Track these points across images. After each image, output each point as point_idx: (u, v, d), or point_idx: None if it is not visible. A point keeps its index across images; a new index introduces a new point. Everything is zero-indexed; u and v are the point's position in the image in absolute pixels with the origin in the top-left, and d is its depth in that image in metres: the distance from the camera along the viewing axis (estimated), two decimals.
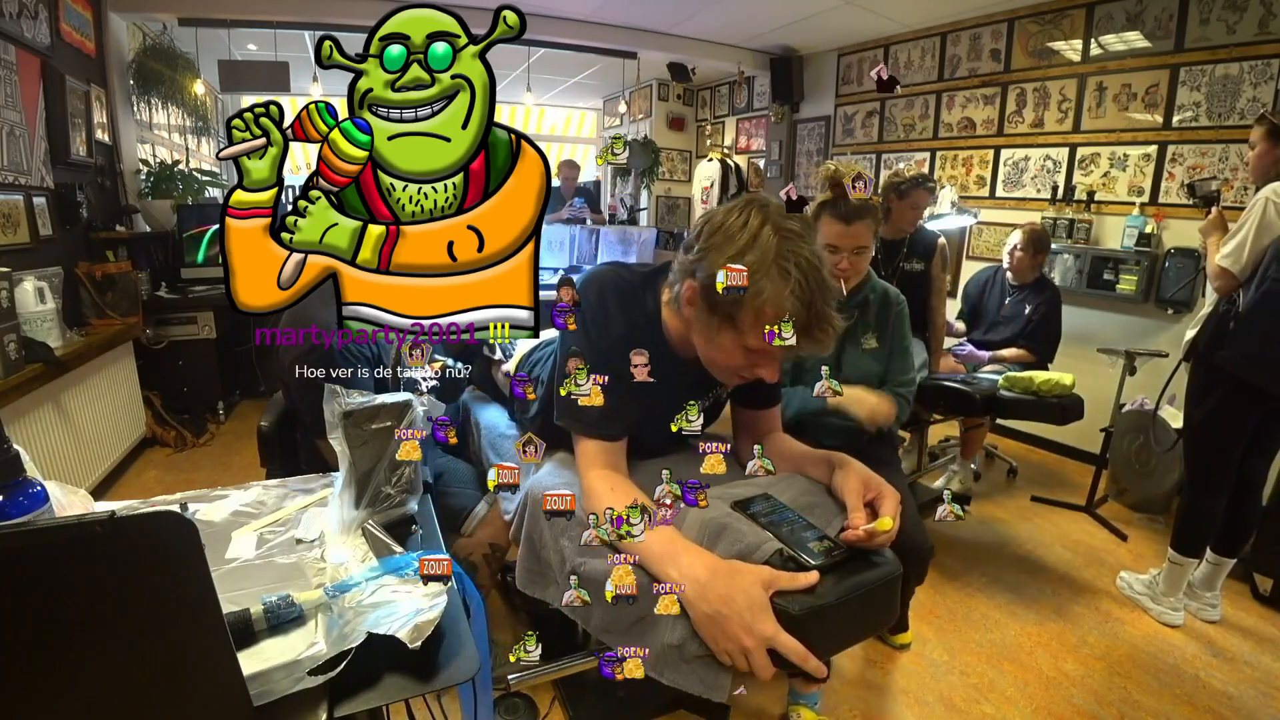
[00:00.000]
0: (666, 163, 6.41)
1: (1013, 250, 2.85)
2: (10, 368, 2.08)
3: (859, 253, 1.59)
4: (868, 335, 1.69)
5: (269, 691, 0.61)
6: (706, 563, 0.85)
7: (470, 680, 0.69)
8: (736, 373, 0.99)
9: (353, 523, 0.93)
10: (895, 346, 1.70)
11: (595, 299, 1.05)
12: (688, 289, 0.96)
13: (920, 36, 4.31)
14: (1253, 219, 1.84)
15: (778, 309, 0.87)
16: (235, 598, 0.76)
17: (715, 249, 0.91)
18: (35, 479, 0.69)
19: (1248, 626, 2.13)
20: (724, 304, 0.90)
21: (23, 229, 2.54)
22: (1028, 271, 2.85)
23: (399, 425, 0.95)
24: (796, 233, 0.89)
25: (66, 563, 0.49)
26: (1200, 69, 2.99)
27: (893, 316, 1.70)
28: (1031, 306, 2.83)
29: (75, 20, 3.12)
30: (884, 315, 1.69)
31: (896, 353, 1.71)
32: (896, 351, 1.71)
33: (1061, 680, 1.85)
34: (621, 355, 1.04)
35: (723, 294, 0.87)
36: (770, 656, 0.80)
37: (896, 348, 1.70)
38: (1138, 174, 3.25)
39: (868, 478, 0.97)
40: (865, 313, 1.69)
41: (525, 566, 1.12)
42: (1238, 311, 1.86)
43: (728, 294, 0.87)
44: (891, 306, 1.70)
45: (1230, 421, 1.96)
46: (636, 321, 1.05)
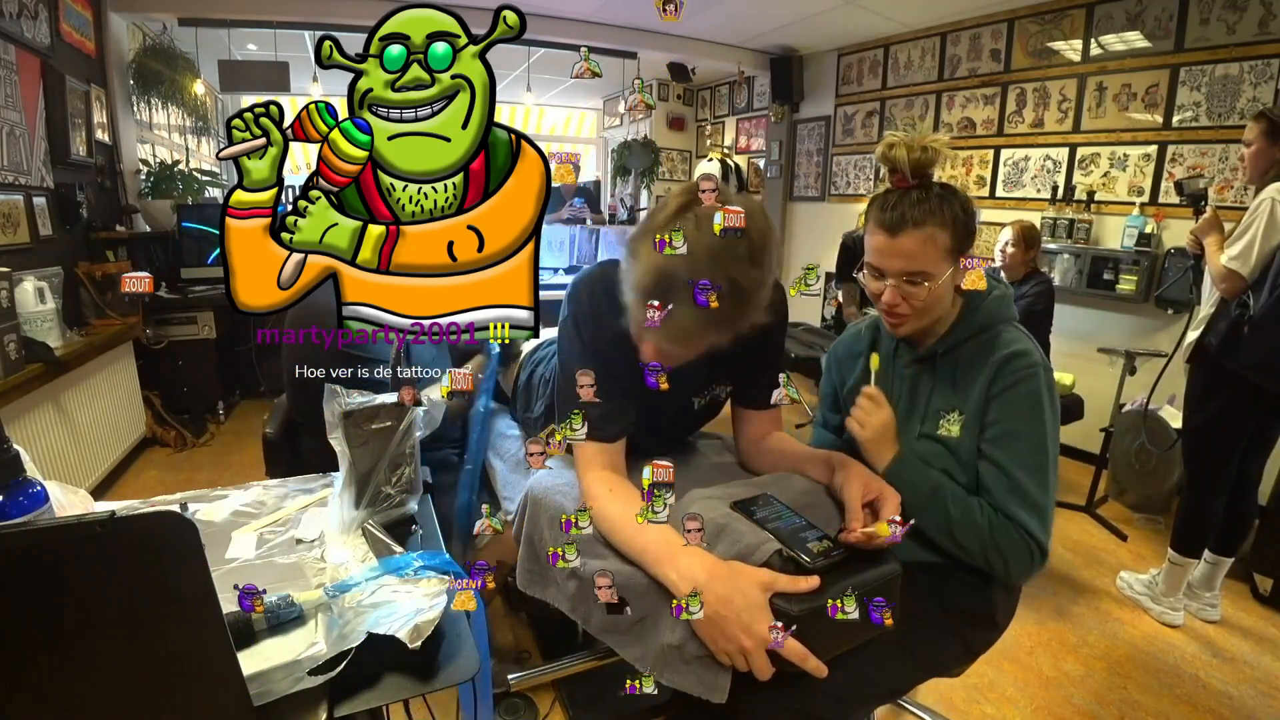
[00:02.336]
0: (666, 163, 6.41)
1: (1004, 248, 2.83)
2: (10, 368, 2.08)
3: (913, 281, 1.01)
4: (945, 412, 1.06)
5: (269, 691, 0.61)
6: (705, 564, 0.85)
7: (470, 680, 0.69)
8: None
9: (353, 523, 0.93)
10: (1008, 445, 1.01)
11: (588, 299, 1.05)
12: None
13: (920, 36, 4.31)
14: (1260, 220, 1.83)
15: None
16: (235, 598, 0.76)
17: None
18: (35, 479, 0.69)
19: (1248, 626, 2.13)
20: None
21: (23, 229, 2.54)
22: (1019, 268, 2.82)
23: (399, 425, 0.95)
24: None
25: (66, 563, 0.49)
26: (1200, 69, 2.99)
27: (1003, 389, 1.01)
28: (1024, 302, 2.80)
29: (75, 20, 3.12)
30: (975, 380, 1.03)
31: (1010, 459, 1.00)
32: (1011, 457, 1.00)
33: (1061, 680, 1.84)
34: (616, 354, 1.04)
35: (719, 234, 0.86)
36: (770, 657, 0.80)
37: (1010, 447, 1.00)
38: (1138, 174, 3.25)
39: (868, 479, 0.97)
40: (934, 373, 1.09)
41: (525, 567, 1.12)
42: (1250, 316, 1.85)
43: (725, 234, 0.85)
44: (1004, 374, 1.01)
45: (1232, 423, 1.96)
46: None
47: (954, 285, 1.05)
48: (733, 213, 0.85)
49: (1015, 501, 0.98)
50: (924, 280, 1.01)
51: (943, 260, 1.01)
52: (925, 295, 1.01)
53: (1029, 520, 0.97)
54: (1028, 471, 0.99)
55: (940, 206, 1.00)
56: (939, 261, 1.00)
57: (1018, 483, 0.99)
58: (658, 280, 0.87)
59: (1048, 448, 1.00)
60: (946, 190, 1.02)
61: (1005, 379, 1.01)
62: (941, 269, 1.01)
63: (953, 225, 1.00)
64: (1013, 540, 0.97)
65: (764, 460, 1.16)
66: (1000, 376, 1.01)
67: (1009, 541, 0.97)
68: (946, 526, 1.01)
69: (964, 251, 1.03)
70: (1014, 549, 0.97)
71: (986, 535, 0.98)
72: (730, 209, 0.85)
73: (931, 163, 1.00)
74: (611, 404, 1.03)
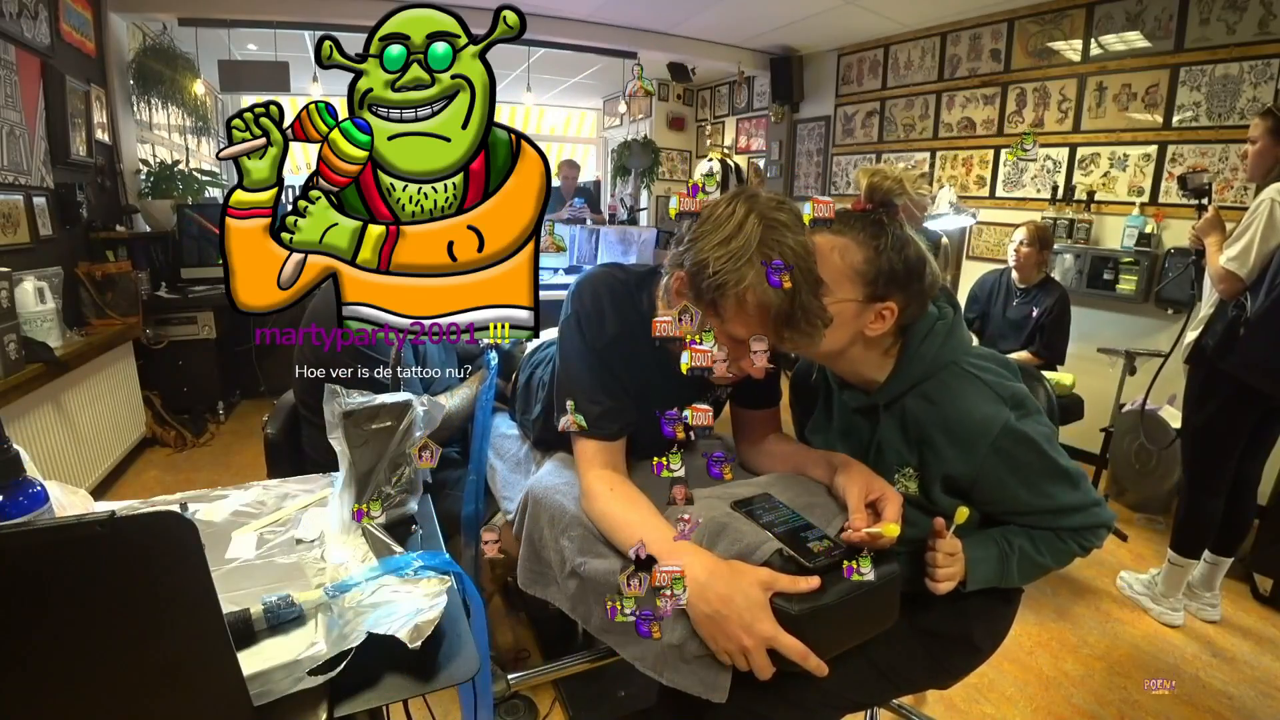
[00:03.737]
0: (666, 163, 6.41)
1: (1018, 247, 2.82)
2: (10, 368, 2.08)
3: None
4: (899, 467, 1.01)
5: (269, 691, 0.61)
6: (706, 563, 0.85)
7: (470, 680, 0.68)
8: (725, 366, 0.98)
9: (353, 523, 0.93)
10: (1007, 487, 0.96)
11: (590, 300, 1.06)
12: (676, 280, 0.96)
13: (920, 36, 4.31)
14: (1259, 221, 1.82)
15: (760, 296, 0.87)
16: (235, 598, 0.76)
17: (702, 237, 0.91)
18: (35, 479, 0.69)
19: (1248, 626, 2.13)
20: (709, 292, 0.90)
21: (23, 229, 2.54)
22: (1033, 270, 2.81)
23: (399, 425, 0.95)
24: (783, 223, 0.89)
25: (67, 563, 0.49)
26: (1200, 69, 2.99)
27: (994, 464, 0.94)
28: (1040, 309, 2.78)
29: (75, 20, 3.12)
30: (931, 444, 0.96)
31: (1047, 505, 0.97)
32: (1046, 502, 0.97)
33: (1061, 680, 1.84)
34: (617, 355, 1.04)
35: (710, 277, 0.87)
36: (770, 656, 0.80)
37: (1040, 493, 0.97)
38: (1138, 174, 3.25)
39: (870, 479, 0.97)
40: (878, 427, 1.03)
41: (526, 566, 1.12)
42: (1247, 317, 1.85)
43: (715, 277, 0.87)
44: (979, 447, 0.93)
45: (1231, 424, 1.96)
46: (631, 321, 1.05)
47: (856, 331, 0.97)
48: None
49: (1079, 516, 0.99)
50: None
51: (847, 281, 0.94)
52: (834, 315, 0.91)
53: (1094, 516, 0.99)
54: (1073, 491, 0.98)
55: (873, 229, 0.95)
56: (840, 279, 0.94)
57: (1070, 504, 0.97)
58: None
59: (1059, 461, 0.96)
60: (896, 227, 0.96)
61: (981, 453, 0.92)
62: (842, 288, 0.94)
63: (874, 252, 0.94)
64: (1091, 534, 1.01)
65: (764, 460, 1.16)
66: (971, 454, 0.93)
67: (1092, 537, 1.01)
68: (1042, 574, 1.02)
69: (883, 296, 0.95)
70: (1095, 538, 1.01)
71: (1076, 549, 1.01)
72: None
73: (891, 192, 0.97)
74: (612, 403, 1.03)
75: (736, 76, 5.61)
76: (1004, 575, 0.99)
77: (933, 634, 1.04)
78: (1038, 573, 1.02)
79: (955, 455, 0.95)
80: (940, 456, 0.96)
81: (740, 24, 4.60)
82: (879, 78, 4.64)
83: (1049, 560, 1.00)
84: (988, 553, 0.98)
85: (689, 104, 6.66)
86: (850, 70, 4.87)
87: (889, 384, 1.01)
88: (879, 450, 1.03)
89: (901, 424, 1.00)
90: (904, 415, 1.00)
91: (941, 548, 0.95)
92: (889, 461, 1.02)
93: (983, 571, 0.98)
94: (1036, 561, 0.99)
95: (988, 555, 0.98)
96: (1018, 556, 0.99)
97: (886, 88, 4.59)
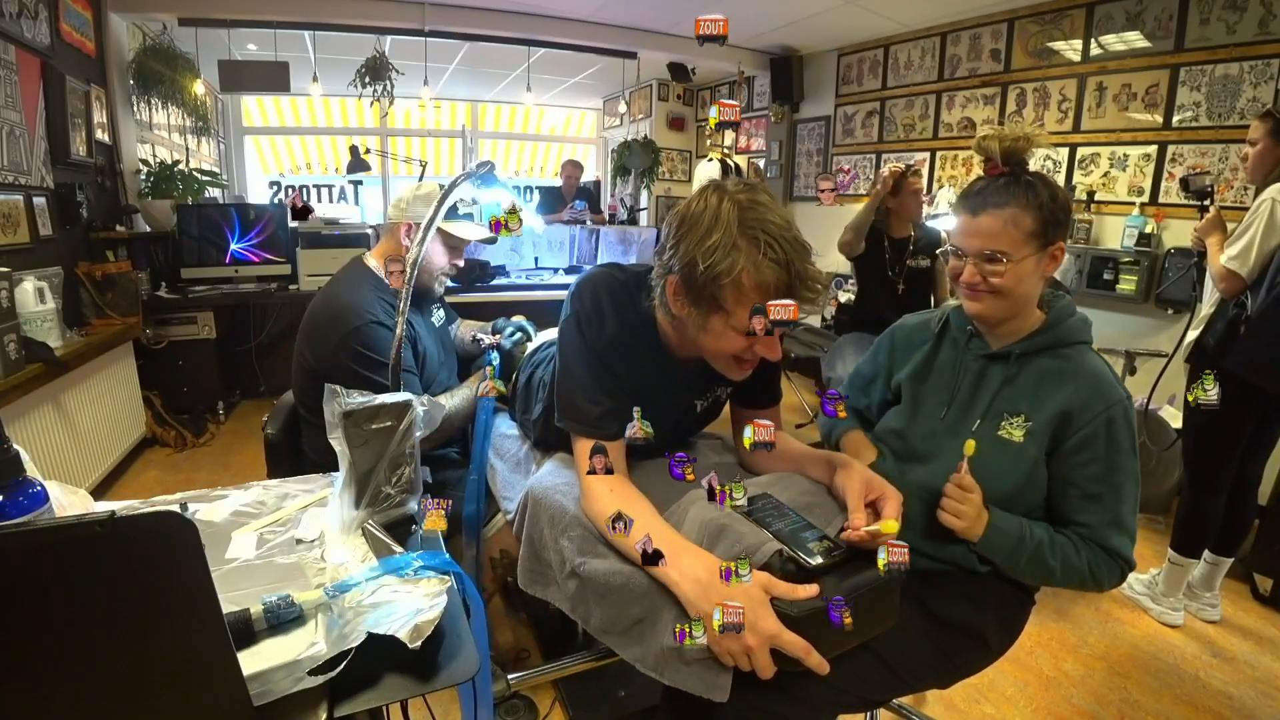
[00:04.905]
0: (666, 163, 6.41)
1: None
2: (10, 368, 2.08)
3: (992, 259, 1.03)
4: (1011, 415, 1.06)
5: (269, 691, 0.61)
6: (707, 564, 0.85)
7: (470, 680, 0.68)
8: (740, 359, 0.98)
9: (353, 523, 0.93)
10: (1092, 464, 1.01)
11: (590, 300, 1.06)
12: (670, 286, 0.96)
13: (920, 36, 4.30)
14: (1259, 221, 1.82)
15: (756, 277, 0.87)
16: (235, 598, 0.76)
17: (684, 238, 0.92)
18: (35, 479, 0.69)
19: (1248, 626, 2.12)
20: (706, 289, 0.90)
21: (23, 229, 2.54)
22: None
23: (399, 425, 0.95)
24: (757, 202, 0.90)
25: (66, 563, 0.49)
26: (1200, 69, 2.99)
27: (1102, 424, 1.00)
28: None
29: (75, 20, 3.12)
30: (1055, 396, 1.03)
31: (1114, 494, 1.01)
32: (1115, 492, 1.01)
33: (1061, 680, 1.84)
34: (617, 355, 1.04)
35: (703, 272, 0.88)
36: (772, 655, 0.80)
37: (1112, 481, 1.01)
38: (1138, 174, 3.25)
39: (870, 478, 0.97)
40: (1006, 373, 1.08)
41: (526, 566, 1.12)
42: (1247, 316, 1.85)
43: (707, 270, 0.88)
44: (1095, 404, 1.01)
45: (1232, 424, 1.96)
46: (631, 321, 1.05)
47: (1040, 275, 1.06)
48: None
49: (1115, 531, 1.00)
50: (1002, 258, 1.02)
51: (1024, 243, 1.02)
52: (1005, 274, 1.03)
53: (1125, 547, 1.01)
54: (1129, 505, 1.01)
55: (1026, 192, 1.02)
56: (1019, 244, 1.02)
57: (1120, 517, 1.01)
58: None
59: (1136, 472, 1.02)
60: (1037, 178, 1.04)
61: (1098, 410, 1.00)
62: (1021, 251, 1.02)
63: (1037, 210, 1.02)
64: (1111, 568, 1.01)
65: (764, 460, 1.16)
66: (1091, 406, 1.00)
67: (1107, 570, 1.01)
68: (1046, 577, 1.03)
69: (1052, 240, 1.04)
70: (1110, 574, 1.01)
71: (1086, 574, 1.01)
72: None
73: (1023, 151, 1.04)
74: (612, 403, 1.03)
75: (736, 76, 5.61)
76: (1014, 555, 1.00)
77: (944, 622, 1.05)
78: (1041, 574, 1.02)
79: (1077, 406, 1.01)
80: (1061, 404, 1.02)
81: (740, 24, 4.59)
82: (879, 78, 4.64)
83: (1057, 566, 1.00)
84: (1009, 526, 1.01)
85: (689, 104, 6.66)
86: (850, 70, 4.87)
87: (1032, 338, 1.08)
88: (995, 394, 1.08)
89: (1029, 376, 1.07)
90: (1035, 369, 1.07)
91: (956, 480, 1.00)
92: (1000, 408, 1.07)
93: (997, 540, 1.00)
94: (1046, 562, 1.00)
95: (1008, 528, 1.01)
96: (1033, 547, 1.00)
97: (886, 88, 4.59)
